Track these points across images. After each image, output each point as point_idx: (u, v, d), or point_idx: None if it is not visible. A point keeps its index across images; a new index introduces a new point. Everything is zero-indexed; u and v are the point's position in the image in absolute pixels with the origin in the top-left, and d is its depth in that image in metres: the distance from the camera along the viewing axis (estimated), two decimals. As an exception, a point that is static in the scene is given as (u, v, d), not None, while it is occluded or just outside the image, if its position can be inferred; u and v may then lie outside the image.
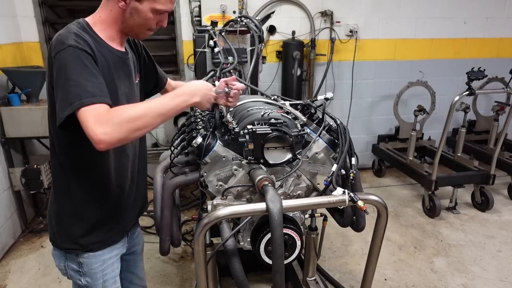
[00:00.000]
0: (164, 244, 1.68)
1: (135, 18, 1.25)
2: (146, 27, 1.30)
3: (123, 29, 1.30)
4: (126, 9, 1.23)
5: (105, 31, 1.27)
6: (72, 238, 1.36)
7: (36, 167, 3.09)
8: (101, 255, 1.41)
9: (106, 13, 1.26)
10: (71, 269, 1.41)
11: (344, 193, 1.44)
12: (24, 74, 3.10)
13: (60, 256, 1.41)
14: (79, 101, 1.07)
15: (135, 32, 1.32)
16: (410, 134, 3.89)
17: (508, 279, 2.71)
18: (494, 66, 4.12)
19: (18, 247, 3.09)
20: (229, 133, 1.63)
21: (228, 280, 2.52)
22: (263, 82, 4.05)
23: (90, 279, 1.41)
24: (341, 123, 1.72)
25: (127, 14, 1.25)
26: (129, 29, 1.30)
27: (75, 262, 1.39)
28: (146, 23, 1.28)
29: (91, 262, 1.39)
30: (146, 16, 1.25)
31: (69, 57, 1.11)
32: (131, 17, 1.25)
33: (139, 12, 1.24)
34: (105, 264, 1.43)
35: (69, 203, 1.35)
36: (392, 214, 3.60)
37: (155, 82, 1.64)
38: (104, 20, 1.27)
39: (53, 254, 1.44)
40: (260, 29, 2.90)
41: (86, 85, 1.10)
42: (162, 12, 1.27)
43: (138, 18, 1.26)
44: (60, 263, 1.42)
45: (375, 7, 4.15)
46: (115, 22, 1.27)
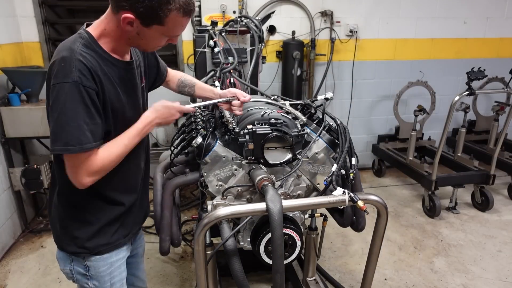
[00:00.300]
0: (164, 244, 1.68)
1: (142, 39, 1.20)
2: (155, 46, 1.27)
3: (130, 44, 1.26)
4: (133, 31, 1.17)
5: (110, 43, 1.22)
6: (79, 241, 1.34)
7: (36, 167, 3.09)
8: (108, 258, 1.40)
9: (112, 27, 1.19)
10: (77, 273, 1.39)
11: (344, 193, 1.44)
12: (24, 74, 3.10)
13: (65, 260, 1.39)
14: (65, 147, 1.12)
15: (143, 48, 1.29)
16: (410, 134, 3.89)
17: (508, 279, 2.71)
18: (494, 66, 4.11)
19: (18, 247, 3.09)
20: (229, 133, 1.63)
21: (228, 280, 2.51)
22: (263, 82, 4.05)
23: (98, 282, 1.39)
24: (341, 123, 1.72)
25: (134, 34, 1.18)
26: (136, 45, 1.27)
27: (82, 266, 1.37)
28: (156, 44, 1.25)
29: (98, 265, 1.38)
30: (155, 39, 1.21)
31: (69, 93, 1.10)
32: (138, 37, 1.20)
33: (148, 36, 1.19)
34: (112, 267, 1.42)
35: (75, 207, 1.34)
36: (392, 214, 3.60)
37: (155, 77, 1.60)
38: (109, 34, 1.21)
39: (58, 257, 1.42)
40: (260, 29, 2.90)
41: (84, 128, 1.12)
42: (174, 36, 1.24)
43: (146, 39, 1.21)
44: (65, 266, 1.40)
45: (375, 7, 4.15)
46: (121, 37, 1.21)
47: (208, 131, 1.66)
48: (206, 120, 1.85)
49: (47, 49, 3.66)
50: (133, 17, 1.11)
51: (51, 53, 3.70)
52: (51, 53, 3.70)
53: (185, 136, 1.83)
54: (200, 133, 1.64)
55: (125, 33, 1.18)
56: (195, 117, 1.98)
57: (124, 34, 1.19)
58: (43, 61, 3.66)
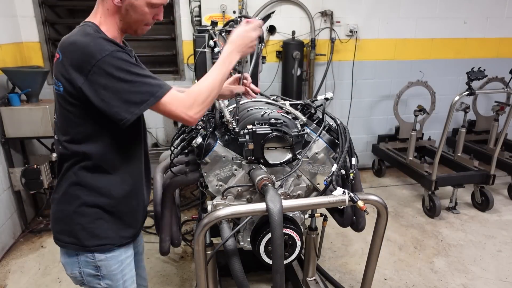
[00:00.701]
0: (164, 244, 1.69)
1: (131, 14, 1.27)
2: (143, 22, 1.31)
3: (122, 27, 1.31)
4: (122, 6, 1.25)
5: (109, 31, 1.28)
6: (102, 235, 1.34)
7: (36, 167, 3.09)
8: (119, 255, 1.39)
9: (104, 13, 1.28)
10: (87, 275, 1.37)
11: (344, 193, 1.44)
12: (24, 74, 3.10)
13: (73, 264, 1.37)
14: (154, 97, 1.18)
15: (133, 28, 1.32)
16: (410, 134, 3.89)
17: (508, 279, 2.71)
18: (494, 66, 4.12)
19: (18, 247, 3.09)
20: (229, 133, 1.63)
21: (228, 280, 2.52)
22: (263, 82, 4.05)
23: (111, 281, 1.39)
24: (341, 123, 1.72)
25: (123, 11, 1.26)
26: (127, 25, 1.31)
27: (92, 267, 1.36)
28: (143, 18, 1.29)
29: (110, 264, 1.37)
30: (142, 11, 1.27)
31: (118, 61, 1.15)
32: (127, 14, 1.27)
33: (135, 8, 1.25)
34: (123, 265, 1.42)
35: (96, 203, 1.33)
36: (392, 214, 3.60)
37: None
38: (105, 21, 1.28)
39: (64, 262, 1.39)
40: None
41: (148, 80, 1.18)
42: (157, 5, 1.29)
43: (134, 14, 1.27)
44: (73, 270, 1.38)
45: (375, 7, 4.15)
46: (114, 20, 1.28)
47: (208, 131, 1.65)
48: (206, 120, 1.85)
49: (47, 49, 3.65)
50: None
51: (51, 53, 3.70)
52: (51, 53, 3.70)
53: (185, 136, 1.82)
54: (200, 133, 1.64)
55: (116, 14, 1.26)
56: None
57: (115, 16, 1.27)
58: (43, 61, 3.66)
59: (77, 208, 1.31)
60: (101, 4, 1.28)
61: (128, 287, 1.46)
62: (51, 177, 3.25)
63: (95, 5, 1.31)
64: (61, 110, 1.27)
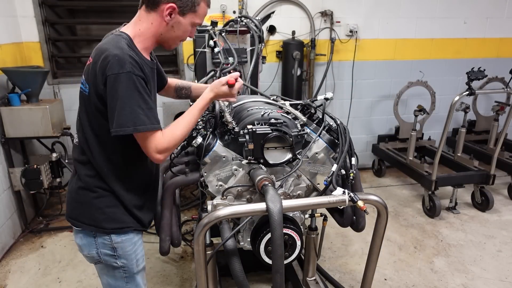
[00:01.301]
0: (164, 244, 1.69)
1: (175, 31, 1.39)
2: (181, 38, 1.44)
3: (160, 40, 1.42)
4: (169, 23, 1.36)
5: (142, 43, 1.38)
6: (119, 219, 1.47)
7: (36, 167, 3.09)
8: (132, 238, 1.53)
9: (146, 26, 1.37)
10: (104, 255, 1.51)
11: (344, 193, 1.44)
12: (24, 74, 3.10)
13: (90, 245, 1.50)
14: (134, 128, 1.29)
15: (170, 43, 1.44)
16: (410, 134, 3.89)
17: (508, 279, 2.71)
18: (494, 66, 4.12)
19: (18, 247, 3.09)
20: (229, 133, 1.63)
21: (228, 280, 2.52)
22: (263, 82, 4.05)
23: (126, 260, 1.53)
24: (341, 123, 1.72)
25: (169, 27, 1.37)
26: (166, 40, 1.42)
27: (109, 248, 1.49)
28: (183, 35, 1.43)
29: (125, 246, 1.51)
30: (186, 28, 1.40)
31: (127, 82, 1.26)
32: (171, 30, 1.38)
33: (181, 25, 1.38)
34: (136, 246, 1.55)
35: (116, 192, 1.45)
36: (392, 214, 3.60)
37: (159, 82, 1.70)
38: (143, 33, 1.38)
39: (82, 244, 1.52)
40: (260, 29, 2.90)
41: (139, 112, 1.28)
42: (198, 25, 1.43)
43: (178, 31, 1.39)
44: (91, 251, 1.51)
45: (375, 7, 4.15)
46: (154, 34, 1.39)
47: (208, 131, 1.66)
48: (206, 120, 1.85)
49: (47, 49, 3.65)
50: (175, 6, 1.33)
51: (51, 53, 3.70)
52: (51, 53, 3.70)
53: (185, 136, 1.82)
54: (200, 133, 1.64)
55: (160, 28, 1.37)
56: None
57: (158, 30, 1.38)
58: (43, 61, 3.66)
59: (98, 195, 1.45)
60: (145, 17, 1.37)
61: (140, 264, 1.59)
62: (51, 177, 3.25)
63: (136, 16, 1.40)
64: (84, 109, 1.40)
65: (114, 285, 1.58)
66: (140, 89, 1.29)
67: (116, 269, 1.54)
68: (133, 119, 1.28)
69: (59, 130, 3.20)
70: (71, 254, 2.96)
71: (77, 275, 2.73)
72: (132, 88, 1.27)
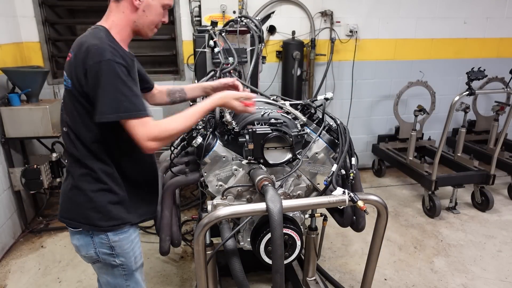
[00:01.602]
0: (164, 244, 1.69)
1: (147, 15, 1.40)
2: (155, 23, 1.44)
3: (135, 29, 1.42)
4: (139, 8, 1.37)
5: (119, 34, 1.39)
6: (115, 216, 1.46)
7: (36, 167, 3.09)
8: (129, 236, 1.53)
9: (119, 16, 1.39)
10: (103, 254, 1.51)
11: (344, 193, 1.44)
12: (24, 74, 3.10)
13: (88, 245, 1.49)
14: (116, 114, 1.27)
15: (146, 30, 1.44)
16: (410, 134, 3.89)
17: (508, 279, 2.71)
18: (494, 66, 4.12)
19: (18, 247, 3.09)
20: (229, 133, 1.63)
21: (228, 280, 2.52)
22: (263, 82, 4.05)
23: (124, 258, 1.53)
24: (341, 123, 1.72)
25: (140, 12, 1.38)
26: (140, 27, 1.42)
27: (106, 247, 1.49)
28: (156, 19, 1.43)
29: (122, 244, 1.51)
30: (157, 11, 1.41)
31: (108, 70, 1.26)
32: (143, 15, 1.39)
33: (152, 8, 1.39)
34: (133, 243, 1.56)
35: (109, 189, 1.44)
36: (392, 214, 3.60)
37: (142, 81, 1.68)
38: (117, 24, 1.39)
39: (79, 245, 1.51)
40: (260, 29, 2.89)
41: (122, 99, 1.27)
42: (168, 6, 1.44)
43: (150, 14, 1.40)
44: (89, 251, 1.50)
45: (375, 7, 4.15)
46: (127, 23, 1.40)
47: (208, 131, 1.66)
48: (206, 120, 1.85)
49: (47, 49, 3.65)
50: None
51: (51, 53, 3.70)
52: (51, 53, 3.70)
53: (185, 136, 1.83)
54: (200, 133, 1.64)
55: (132, 15, 1.38)
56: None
57: (130, 18, 1.39)
58: (43, 61, 3.66)
59: (92, 193, 1.43)
60: (116, 7, 1.39)
61: (138, 262, 1.60)
62: (51, 177, 3.25)
63: (107, 10, 1.41)
64: (69, 105, 1.40)
65: (114, 283, 1.58)
66: (122, 76, 1.28)
67: (115, 267, 1.54)
68: (116, 106, 1.27)
69: (59, 130, 3.20)
70: (71, 254, 2.96)
71: (77, 275, 2.73)
72: (114, 76, 1.26)
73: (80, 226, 1.47)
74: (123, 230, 1.50)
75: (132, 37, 1.46)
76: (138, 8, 1.37)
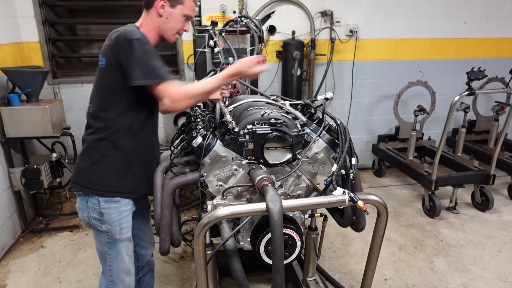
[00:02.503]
0: (164, 244, 1.69)
1: (170, 22, 1.65)
2: (176, 29, 1.69)
3: (159, 33, 1.67)
4: (163, 15, 1.63)
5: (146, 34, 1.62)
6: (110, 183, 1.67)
7: (36, 167, 3.09)
8: (118, 207, 1.70)
9: (147, 21, 1.67)
10: (93, 218, 1.70)
11: (344, 193, 1.44)
12: (24, 74, 3.10)
13: (83, 208, 1.71)
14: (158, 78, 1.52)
15: (168, 34, 1.69)
16: (410, 134, 3.89)
17: (508, 279, 2.71)
18: (494, 66, 4.12)
19: (18, 247, 3.09)
20: (229, 133, 1.63)
21: (228, 280, 2.52)
22: (263, 82, 4.05)
23: (110, 226, 1.70)
24: (341, 123, 1.72)
25: (164, 18, 1.64)
26: (164, 32, 1.67)
27: (97, 212, 1.68)
28: (177, 26, 1.68)
29: (110, 212, 1.69)
30: (178, 19, 1.66)
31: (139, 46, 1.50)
32: (166, 21, 1.65)
33: (173, 16, 1.65)
34: (121, 215, 1.71)
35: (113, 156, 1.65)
36: (392, 214, 3.60)
37: None
38: (145, 26, 1.66)
39: (78, 208, 1.74)
40: (260, 29, 2.90)
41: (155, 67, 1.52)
42: (189, 17, 1.69)
43: (172, 21, 1.66)
44: (83, 214, 1.72)
45: (375, 7, 4.15)
46: (154, 27, 1.66)
47: (208, 131, 1.66)
48: (206, 120, 1.85)
49: (47, 49, 3.65)
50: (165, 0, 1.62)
51: (51, 53, 3.70)
52: (51, 53, 3.70)
53: (185, 136, 1.83)
54: (200, 133, 1.65)
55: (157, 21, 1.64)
56: (195, 117, 1.98)
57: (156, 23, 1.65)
58: (43, 61, 3.66)
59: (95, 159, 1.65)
60: (146, 15, 1.67)
61: (124, 233, 1.74)
62: (51, 177, 3.25)
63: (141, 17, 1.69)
64: (99, 81, 1.63)
65: (100, 249, 1.78)
66: (152, 52, 1.53)
67: (101, 233, 1.72)
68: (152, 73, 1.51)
69: (59, 130, 3.20)
70: (71, 254, 2.97)
71: (77, 275, 2.73)
72: (145, 50, 1.51)
73: (80, 189, 1.68)
74: (114, 199, 1.68)
75: (157, 40, 1.70)
76: (162, 15, 1.63)
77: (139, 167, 1.74)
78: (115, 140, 1.64)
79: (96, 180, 1.67)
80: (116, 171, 1.67)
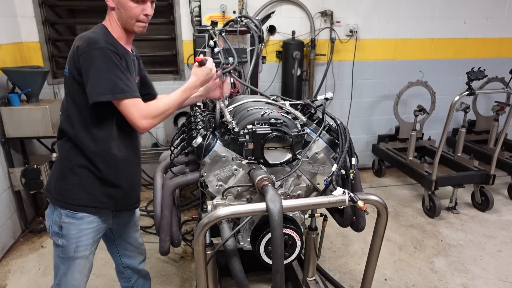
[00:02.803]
0: (164, 244, 1.69)
1: (122, 11, 1.51)
2: (133, 18, 1.52)
3: (122, 25, 1.55)
4: (114, 6, 1.51)
5: (114, 31, 1.55)
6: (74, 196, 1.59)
7: (36, 167, 3.09)
8: (80, 224, 1.62)
9: (109, 18, 1.56)
10: (52, 230, 1.64)
11: (344, 193, 1.44)
12: (24, 74, 3.10)
13: (49, 217, 1.66)
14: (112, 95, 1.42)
15: (130, 25, 1.54)
16: (410, 134, 3.89)
17: (508, 279, 2.71)
18: (494, 66, 4.11)
19: (18, 247, 3.09)
20: (229, 133, 1.63)
21: (228, 280, 2.52)
22: (263, 82, 4.05)
23: (66, 241, 1.63)
24: (341, 123, 1.72)
25: (117, 10, 1.52)
26: (124, 23, 1.54)
27: (57, 225, 1.62)
28: (131, 14, 1.51)
29: (70, 228, 1.61)
30: (127, 6, 1.49)
31: (102, 56, 1.41)
32: (120, 11, 1.51)
33: (122, 4, 1.49)
34: (81, 233, 1.63)
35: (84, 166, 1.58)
36: (392, 214, 3.60)
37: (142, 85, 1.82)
38: (111, 23, 1.56)
39: (46, 213, 1.67)
40: (260, 29, 2.89)
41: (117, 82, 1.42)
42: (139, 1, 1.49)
43: (125, 10, 1.50)
44: (48, 222, 1.67)
45: (375, 7, 4.15)
46: (115, 23, 1.55)
47: (208, 131, 1.66)
48: (206, 120, 1.85)
49: (47, 49, 3.66)
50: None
51: (51, 53, 3.71)
52: (51, 53, 3.70)
53: (185, 136, 1.83)
54: (200, 133, 1.64)
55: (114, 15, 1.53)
56: (195, 117, 1.98)
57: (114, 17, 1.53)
58: (43, 61, 3.66)
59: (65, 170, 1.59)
60: (107, 13, 1.57)
61: (80, 252, 1.66)
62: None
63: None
64: (67, 89, 1.56)
65: (55, 261, 1.71)
66: (116, 62, 1.43)
67: (57, 246, 1.66)
68: (112, 87, 1.41)
69: (59, 130, 3.20)
70: (71, 254, 2.97)
71: (77, 275, 2.73)
72: (107, 61, 1.41)
73: (48, 197, 1.64)
74: (77, 215, 1.60)
75: (126, 34, 1.58)
76: (114, 8, 1.52)
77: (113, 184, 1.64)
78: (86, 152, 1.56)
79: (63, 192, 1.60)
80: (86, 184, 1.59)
